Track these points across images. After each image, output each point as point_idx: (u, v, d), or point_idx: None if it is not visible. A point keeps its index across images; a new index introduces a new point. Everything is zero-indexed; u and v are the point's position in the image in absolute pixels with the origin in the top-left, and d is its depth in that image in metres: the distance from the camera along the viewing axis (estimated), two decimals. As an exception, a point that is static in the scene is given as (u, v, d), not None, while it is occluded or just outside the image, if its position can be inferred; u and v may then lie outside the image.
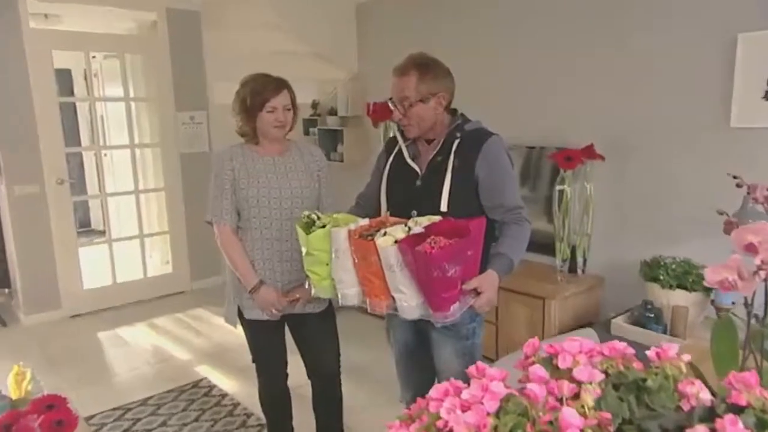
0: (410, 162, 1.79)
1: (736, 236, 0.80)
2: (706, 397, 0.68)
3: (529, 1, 3.25)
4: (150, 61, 4.51)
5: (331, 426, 2.31)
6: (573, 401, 0.68)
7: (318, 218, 1.66)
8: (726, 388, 0.68)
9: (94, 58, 4.86)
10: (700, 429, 0.62)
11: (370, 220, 1.65)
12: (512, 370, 0.77)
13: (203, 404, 2.96)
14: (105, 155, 5.24)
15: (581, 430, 0.62)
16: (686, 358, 0.75)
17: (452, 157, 1.71)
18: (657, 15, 2.71)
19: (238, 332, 2.16)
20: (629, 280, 2.76)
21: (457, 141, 1.72)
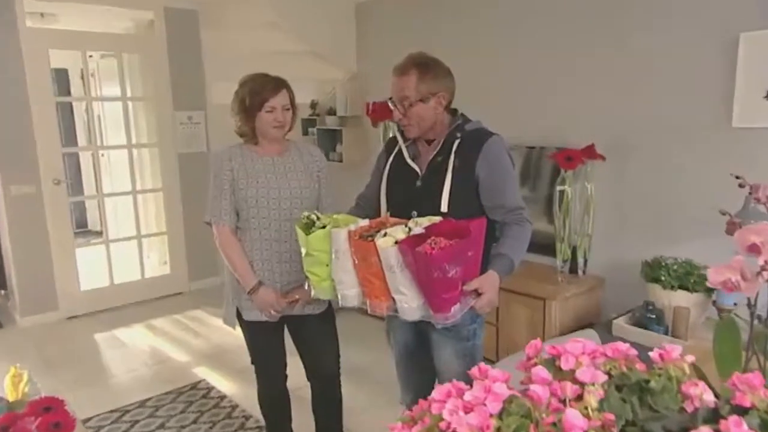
0: (410, 162, 1.78)
1: (739, 237, 0.80)
2: (709, 399, 0.67)
3: (529, 1, 3.25)
4: (147, 61, 4.49)
5: (330, 428, 2.30)
6: (576, 403, 0.68)
7: (318, 219, 1.65)
8: (730, 390, 0.67)
9: (91, 57, 4.84)
10: (704, 430, 0.62)
11: (370, 220, 1.65)
12: (514, 371, 0.77)
13: (202, 406, 2.95)
14: (102, 155, 5.21)
15: (585, 432, 0.62)
16: (690, 359, 0.75)
17: (452, 157, 1.70)
18: (657, 15, 2.71)
19: (236, 333, 2.15)
20: (630, 280, 2.75)
21: (457, 141, 1.72)
